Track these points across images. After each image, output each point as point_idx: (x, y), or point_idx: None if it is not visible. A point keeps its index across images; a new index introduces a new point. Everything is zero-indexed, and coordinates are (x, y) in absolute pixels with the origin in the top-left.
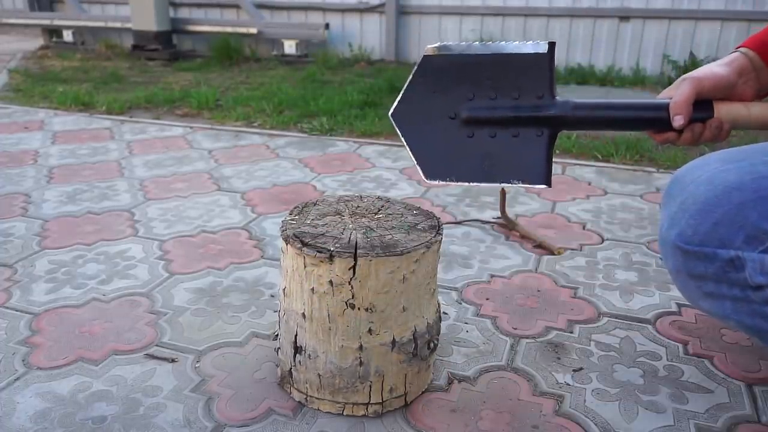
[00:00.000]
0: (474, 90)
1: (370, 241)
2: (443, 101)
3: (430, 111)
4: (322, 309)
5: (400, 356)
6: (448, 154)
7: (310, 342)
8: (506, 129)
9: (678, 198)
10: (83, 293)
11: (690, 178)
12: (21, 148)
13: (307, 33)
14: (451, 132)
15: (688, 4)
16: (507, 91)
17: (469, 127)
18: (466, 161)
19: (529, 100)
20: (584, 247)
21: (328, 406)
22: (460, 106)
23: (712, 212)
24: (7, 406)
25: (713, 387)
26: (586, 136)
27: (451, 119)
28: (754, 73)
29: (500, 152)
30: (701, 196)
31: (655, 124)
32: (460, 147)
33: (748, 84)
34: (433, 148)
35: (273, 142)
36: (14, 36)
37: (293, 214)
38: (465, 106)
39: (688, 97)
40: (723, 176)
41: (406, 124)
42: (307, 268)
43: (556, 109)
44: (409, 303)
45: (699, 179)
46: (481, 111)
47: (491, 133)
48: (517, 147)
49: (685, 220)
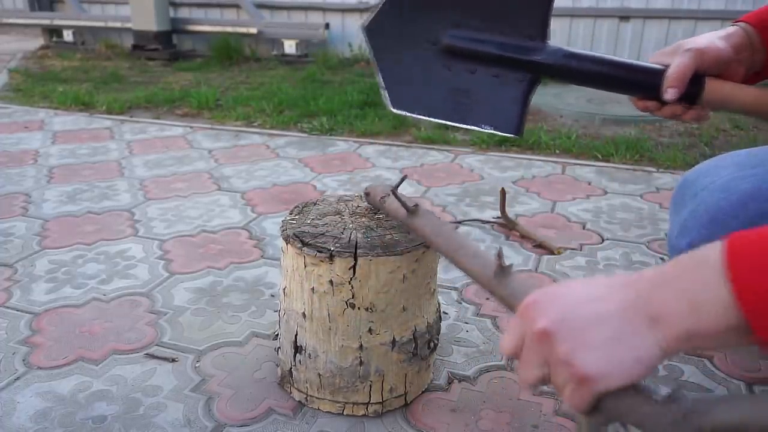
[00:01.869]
0: (462, 17)
1: (370, 240)
2: (426, 23)
3: (410, 31)
4: (322, 309)
5: (400, 356)
6: (420, 83)
7: (311, 341)
8: (488, 67)
9: (689, 205)
10: (83, 293)
11: (702, 184)
12: (21, 147)
13: (307, 33)
14: (428, 59)
15: (688, 4)
16: (496, 25)
17: (448, 57)
18: (438, 94)
19: (518, 40)
20: (584, 246)
21: (328, 405)
22: (444, 31)
23: (727, 222)
24: (7, 406)
25: (713, 386)
26: (586, 135)
27: (432, 44)
28: (749, 52)
29: (476, 91)
30: (714, 205)
31: (644, 89)
32: (435, 77)
33: (741, 63)
34: (406, 74)
35: (273, 142)
36: (14, 36)
37: (293, 214)
38: (449, 33)
39: (687, 71)
40: (738, 184)
41: (380, 41)
42: (307, 267)
43: (546, 54)
44: (409, 303)
45: (712, 186)
46: (465, 42)
47: (471, 68)
48: (495, 88)
49: (697, 229)
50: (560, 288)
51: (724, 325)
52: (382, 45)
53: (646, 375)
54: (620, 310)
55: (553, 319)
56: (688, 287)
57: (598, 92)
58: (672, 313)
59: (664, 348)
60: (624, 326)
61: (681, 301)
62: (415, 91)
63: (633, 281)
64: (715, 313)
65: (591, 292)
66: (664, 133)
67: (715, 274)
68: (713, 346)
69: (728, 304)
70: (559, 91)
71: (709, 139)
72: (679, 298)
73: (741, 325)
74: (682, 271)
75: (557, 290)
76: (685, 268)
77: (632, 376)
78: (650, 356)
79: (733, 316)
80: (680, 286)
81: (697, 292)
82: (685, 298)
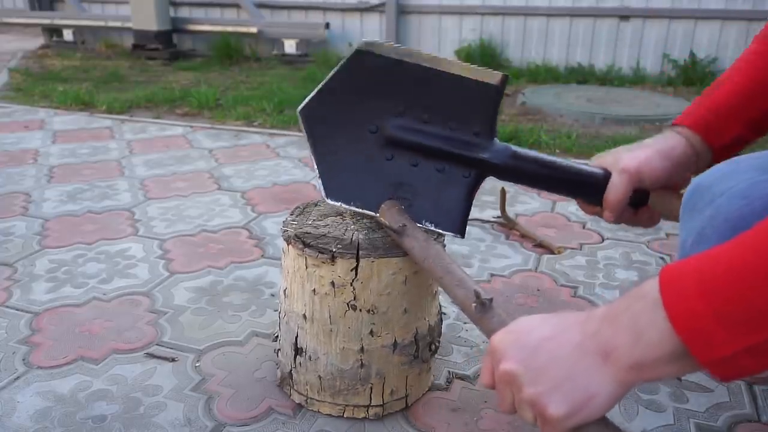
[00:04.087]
0: (406, 105)
1: (372, 242)
2: (367, 109)
3: (350, 117)
4: (323, 310)
5: (401, 358)
6: (358, 173)
7: (311, 343)
8: (432, 160)
9: (706, 211)
10: (83, 292)
11: (719, 189)
12: (21, 147)
13: (307, 32)
14: (368, 148)
15: (689, 4)
16: (443, 117)
17: (390, 147)
18: (377, 186)
19: (465, 134)
20: (584, 246)
21: (328, 408)
22: (386, 120)
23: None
24: (7, 405)
25: (713, 386)
26: (586, 135)
27: (372, 133)
28: (694, 158)
29: (418, 185)
30: (735, 212)
31: (589, 196)
32: (374, 168)
33: (687, 170)
34: (343, 163)
35: (273, 142)
36: (14, 35)
37: (294, 215)
38: (391, 121)
39: (623, 197)
40: (760, 189)
41: (317, 125)
42: (308, 269)
43: (493, 153)
44: (410, 304)
45: (731, 191)
46: (409, 133)
47: (413, 160)
48: (439, 184)
49: (717, 238)
50: (522, 328)
51: (668, 351)
52: (319, 130)
53: (607, 408)
54: (574, 349)
55: (516, 360)
56: (631, 321)
57: (598, 92)
58: (619, 346)
59: (618, 381)
60: (577, 365)
61: (627, 334)
62: (352, 180)
63: (585, 320)
64: (658, 341)
65: (548, 333)
66: None
67: (654, 304)
68: (665, 375)
69: (666, 330)
70: (559, 90)
71: None
72: (624, 332)
73: (681, 350)
74: (626, 308)
75: (519, 330)
76: (628, 304)
77: (593, 412)
78: (606, 391)
79: (672, 342)
80: (624, 321)
81: (639, 323)
82: (630, 330)
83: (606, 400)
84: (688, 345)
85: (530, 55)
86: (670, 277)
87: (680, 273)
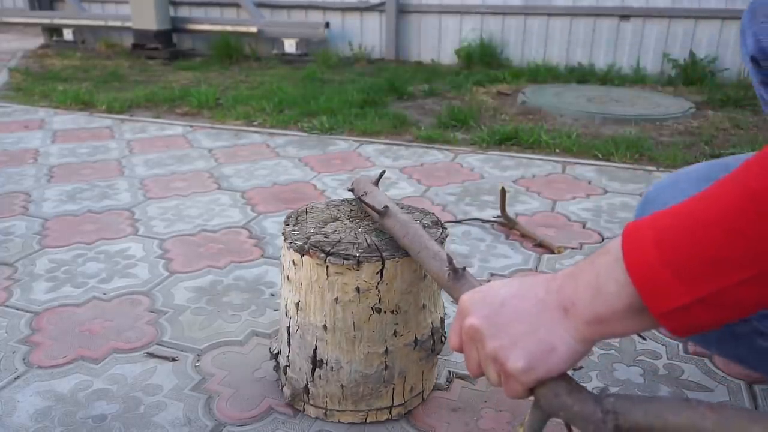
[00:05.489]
0: None
1: (387, 242)
2: None
3: None
4: (346, 318)
5: (420, 354)
6: None
7: (333, 354)
8: None
9: None
10: (83, 292)
11: (662, 201)
12: (21, 147)
13: (307, 32)
14: None
15: (689, 3)
16: None
17: None
18: None
19: None
20: (584, 246)
21: (350, 416)
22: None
23: None
24: (7, 405)
25: (713, 386)
26: (586, 135)
27: None
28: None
29: None
30: None
31: None
32: None
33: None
34: None
35: (273, 141)
36: (14, 35)
37: (291, 225)
38: None
39: None
40: None
41: None
42: (330, 277)
43: None
44: (427, 300)
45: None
46: None
47: None
48: None
49: None
50: (490, 288)
51: (625, 304)
52: None
53: (568, 364)
54: (536, 304)
55: (480, 316)
56: (593, 275)
57: (598, 92)
58: (579, 299)
59: (578, 336)
60: (538, 320)
61: (587, 288)
62: None
63: (550, 278)
64: (617, 294)
65: (514, 291)
66: (664, 132)
67: (615, 259)
68: (624, 331)
69: (624, 282)
70: (559, 90)
71: (710, 138)
72: (585, 286)
73: (638, 304)
74: (590, 264)
75: (487, 290)
76: (592, 260)
77: (553, 366)
78: (566, 345)
79: (629, 294)
80: (586, 276)
81: (600, 277)
82: (591, 285)
83: (566, 355)
84: (642, 296)
85: (530, 54)
86: (630, 231)
87: (640, 226)
